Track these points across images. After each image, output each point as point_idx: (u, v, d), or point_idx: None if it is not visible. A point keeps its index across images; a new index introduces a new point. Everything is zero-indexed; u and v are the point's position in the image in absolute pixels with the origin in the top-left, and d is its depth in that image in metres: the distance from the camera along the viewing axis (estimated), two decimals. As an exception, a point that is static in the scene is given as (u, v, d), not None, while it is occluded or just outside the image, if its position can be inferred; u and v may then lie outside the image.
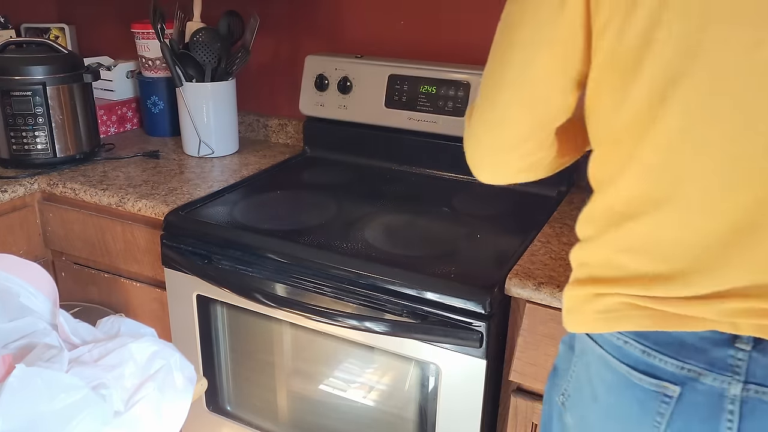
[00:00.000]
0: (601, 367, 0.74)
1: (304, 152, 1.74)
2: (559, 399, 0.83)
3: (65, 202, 1.50)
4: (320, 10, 1.72)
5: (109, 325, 0.86)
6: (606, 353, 0.73)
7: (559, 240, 1.20)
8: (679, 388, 0.67)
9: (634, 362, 0.70)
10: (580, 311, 0.75)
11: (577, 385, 0.80)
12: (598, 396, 0.75)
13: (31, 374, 0.68)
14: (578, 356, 0.79)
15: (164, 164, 1.62)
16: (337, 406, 1.29)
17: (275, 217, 1.34)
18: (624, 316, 0.71)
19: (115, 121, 1.89)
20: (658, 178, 0.67)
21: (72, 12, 2.10)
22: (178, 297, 1.34)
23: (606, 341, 0.73)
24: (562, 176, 1.44)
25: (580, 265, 0.77)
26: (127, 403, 0.75)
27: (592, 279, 0.74)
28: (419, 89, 1.54)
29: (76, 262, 1.55)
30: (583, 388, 0.78)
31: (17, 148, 1.52)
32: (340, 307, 1.13)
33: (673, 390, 0.68)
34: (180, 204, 1.35)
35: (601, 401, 0.75)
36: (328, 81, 1.64)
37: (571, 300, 0.77)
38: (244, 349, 1.35)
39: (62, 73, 1.53)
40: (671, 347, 0.68)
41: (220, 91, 1.66)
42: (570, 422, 0.81)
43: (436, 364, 1.10)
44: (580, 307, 0.75)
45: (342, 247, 1.19)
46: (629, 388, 0.71)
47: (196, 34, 1.60)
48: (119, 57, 1.99)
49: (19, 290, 0.85)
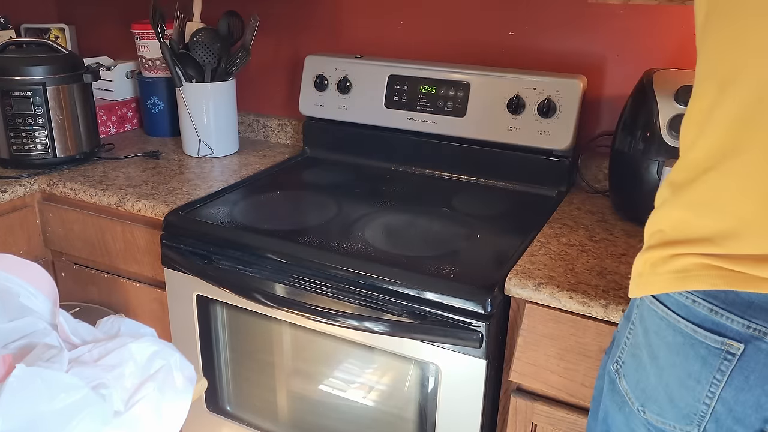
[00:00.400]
0: (663, 329, 0.76)
1: (303, 152, 1.74)
2: (614, 366, 0.85)
3: (65, 203, 1.50)
4: (320, 10, 1.73)
5: (109, 325, 0.86)
6: (672, 313, 0.74)
7: (558, 240, 1.20)
8: (743, 345, 0.69)
9: (701, 320, 0.72)
10: (652, 273, 0.77)
11: (632, 351, 0.81)
12: (658, 357, 0.77)
13: (31, 374, 0.68)
14: (635, 323, 0.81)
15: (164, 164, 1.62)
16: (337, 406, 1.29)
17: (275, 218, 1.34)
18: (697, 276, 0.72)
19: (115, 122, 1.89)
20: (739, 127, 0.68)
21: (72, 12, 2.10)
22: (177, 297, 1.34)
23: (673, 301, 0.75)
24: (561, 176, 1.45)
25: (653, 233, 0.78)
26: (127, 403, 0.75)
27: (665, 242, 0.75)
28: (419, 89, 1.54)
29: (76, 262, 1.55)
30: (641, 353, 0.79)
31: (17, 149, 1.52)
32: (339, 307, 1.13)
33: (737, 347, 0.69)
34: (180, 204, 1.35)
35: (662, 361, 0.76)
36: (327, 81, 1.64)
37: (642, 264, 0.78)
38: (244, 349, 1.35)
39: (62, 74, 1.53)
40: (739, 306, 0.69)
41: (219, 92, 1.66)
42: (625, 387, 0.82)
43: (435, 364, 1.10)
44: (652, 269, 0.76)
45: (342, 247, 1.19)
46: (693, 346, 0.72)
47: (196, 35, 1.60)
48: (119, 57, 1.99)
49: (19, 290, 0.85)
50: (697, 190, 0.73)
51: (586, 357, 1.01)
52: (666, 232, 0.76)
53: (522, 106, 1.44)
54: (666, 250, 0.75)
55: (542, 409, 1.08)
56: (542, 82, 1.42)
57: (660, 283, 0.76)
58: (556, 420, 1.07)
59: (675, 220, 0.75)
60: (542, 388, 1.06)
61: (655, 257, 0.76)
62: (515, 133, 1.45)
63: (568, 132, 1.40)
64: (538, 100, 1.42)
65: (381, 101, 1.58)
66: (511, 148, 1.48)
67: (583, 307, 1.00)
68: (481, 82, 1.49)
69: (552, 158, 1.45)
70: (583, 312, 1.00)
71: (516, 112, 1.44)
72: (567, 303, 1.01)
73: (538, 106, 1.42)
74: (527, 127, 1.44)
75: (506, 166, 1.50)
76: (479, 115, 1.49)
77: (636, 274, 0.80)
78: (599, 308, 0.98)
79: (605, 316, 0.98)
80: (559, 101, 1.41)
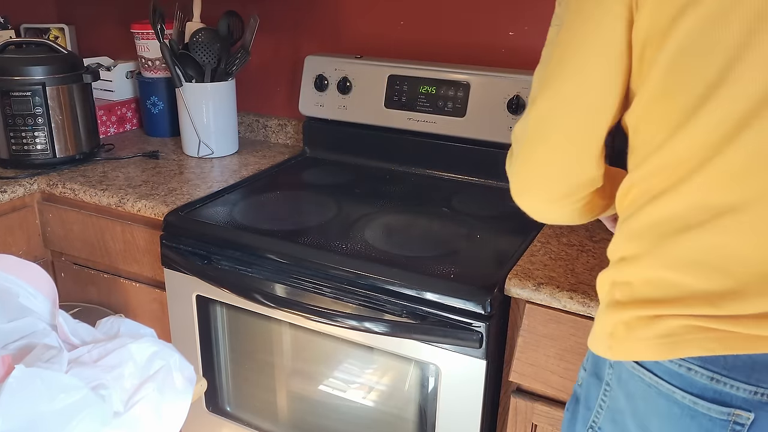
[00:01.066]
0: (653, 397, 0.69)
1: (303, 152, 1.74)
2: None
3: (65, 203, 1.50)
4: (320, 10, 1.72)
5: (109, 326, 0.85)
6: (663, 382, 0.68)
7: (558, 240, 1.20)
8: (752, 414, 0.63)
9: (700, 390, 0.65)
10: (631, 338, 0.69)
11: (612, 416, 0.74)
12: (648, 428, 0.70)
13: (30, 375, 0.68)
14: (611, 385, 0.74)
15: (164, 165, 1.62)
16: (336, 406, 1.29)
17: (275, 218, 1.34)
18: (689, 341, 0.65)
19: (115, 122, 1.89)
20: (739, 182, 0.62)
21: (72, 12, 2.10)
22: (177, 297, 1.34)
23: (663, 369, 0.67)
24: (561, 176, 1.44)
25: (619, 284, 0.71)
26: (127, 404, 0.75)
27: (640, 301, 0.68)
28: (419, 89, 1.54)
29: (76, 262, 1.55)
30: (625, 420, 0.73)
31: (17, 149, 1.52)
32: (339, 307, 1.13)
33: (746, 417, 0.63)
34: (179, 204, 1.35)
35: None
36: (327, 81, 1.64)
37: (614, 325, 0.70)
38: (244, 350, 1.35)
39: (62, 74, 1.53)
40: (742, 371, 0.63)
41: (219, 92, 1.66)
42: None
43: (435, 364, 1.10)
44: (630, 332, 0.69)
45: (341, 248, 1.18)
46: (694, 418, 0.66)
47: (196, 35, 1.60)
48: (119, 57, 1.99)
49: (19, 290, 0.85)
50: (681, 248, 0.66)
51: (586, 357, 1.01)
52: (637, 288, 0.69)
53: (522, 106, 1.44)
54: (643, 310, 0.68)
55: (542, 409, 1.08)
56: (542, 82, 1.42)
57: (643, 350, 0.68)
58: (556, 420, 1.07)
59: (650, 276, 0.68)
60: (542, 388, 1.06)
61: (630, 318, 0.69)
62: (515, 133, 1.45)
63: (568, 132, 1.40)
64: (538, 100, 1.42)
65: (381, 101, 1.58)
66: (511, 148, 1.48)
67: (583, 307, 0.99)
68: (481, 82, 1.49)
69: (552, 158, 1.45)
70: (583, 312, 1.00)
71: (516, 112, 1.44)
72: (567, 303, 1.01)
73: (538, 106, 1.42)
74: (527, 127, 1.44)
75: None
76: (479, 115, 1.49)
77: (605, 333, 0.72)
78: (599, 308, 0.98)
79: (605, 316, 0.98)
80: (559, 101, 1.40)
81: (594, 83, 0.70)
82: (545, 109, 0.73)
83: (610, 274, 0.73)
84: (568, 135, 0.73)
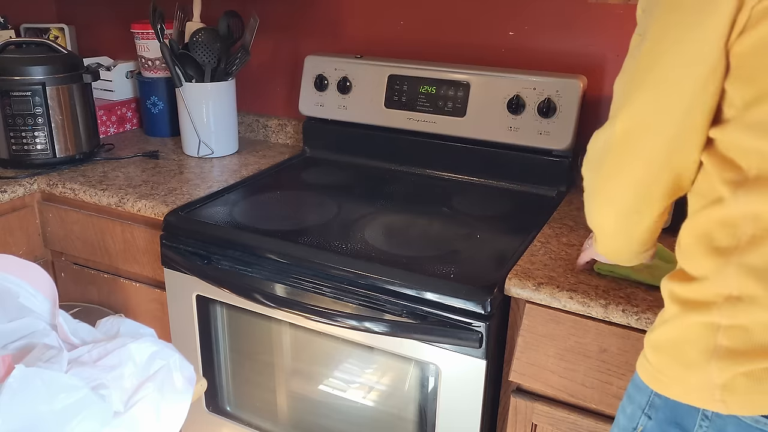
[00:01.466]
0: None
1: (303, 152, 1.74)
2: None
3: (65, 203, 1.50)
4: (320, 10, 1.72)
5: (109, 326, 0.85)
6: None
7: (558, 240, 1.20)
8: None
9: None
10: (757, 390, 0.61)
11: None
12: None
13: (30, 375, 0.68)
14: (663, 424, 0.69)
15: (164, 164, 1.62)
16: (336, 406, 1.29)
17: (275, 218, 1.34)
18: None
19: (115, 122, 1.89)
20: None
21: (72, 12, 2.10)
22: (177, 297, 1.34)
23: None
24: (561, 176, 1.45)
25: (727, 329, 0.63)
26: (127, 404, 0.75)
27: (762, 348, 0.61)
28: (419, 89, 1.54)
29: (76, 262, 1.55)
30: None
31: (17, 149, 1.52)
32: (339, 307, 1.13)
33: None
34: (179, 204, 1.35)
35: None
36: (327, 81, 1.64)
37: (731, 377, 0.63)
38: (244, 350, 1.35)
39: (62, 74, 1.53)
40: None
41: (219, 92, 1.66)
42: None
43: (435, 364, 1.10)
44: (756, 385, 0.61)
45: (341, 248, 1.18)
46: None
47: (196, 35, 1.60)
48: (119, 57, 1.99)
49: (19, 290, 0.85)
50: None
51: (586, 357, 1.01)
52: (758, 334, 0.62)
53: (522, 106, 1.44)
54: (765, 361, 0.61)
55: (542, 409, 1.08)
56: (542, 82, 1.42)
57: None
58: (556, 420, 1.07)
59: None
60: (542, 388, 1.06)
61: (753, 369, 0.62)
62: (515, 133, 1.45)
63: (568, 132, 1.40)
64: (538, 100, 1.42)
65: (381, 101, 1.58)
66: (511, 148, 1.48)
67: (583, 307, 1.00)
68: (481, 82, 1.49)
69: (552, 158, 1.45)
70: (583, 312, 1.00)
71: (516, 112, 1.44)
72: (567, 303, 1.01)
73: (538, 106, 1.42)
74: (527, 127, 1.44)
75: (506, 166, 1.50)
76: (479, 115, 1.49)
77: (714, 385, 0.64)
78: (599, 308, 0.98)
79: (605, 316, 0.98)
80: (559, 101, 1.41)
81: (685, 94, 0.66)
82: (634, 120, 0.71)
83: (709, 316, 0.65)
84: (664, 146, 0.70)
